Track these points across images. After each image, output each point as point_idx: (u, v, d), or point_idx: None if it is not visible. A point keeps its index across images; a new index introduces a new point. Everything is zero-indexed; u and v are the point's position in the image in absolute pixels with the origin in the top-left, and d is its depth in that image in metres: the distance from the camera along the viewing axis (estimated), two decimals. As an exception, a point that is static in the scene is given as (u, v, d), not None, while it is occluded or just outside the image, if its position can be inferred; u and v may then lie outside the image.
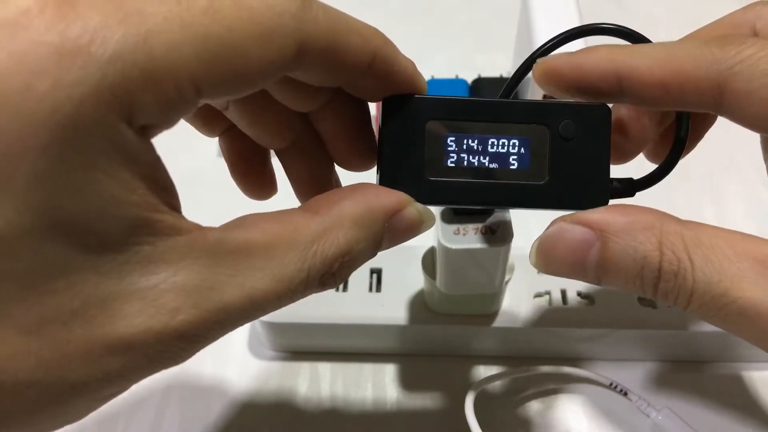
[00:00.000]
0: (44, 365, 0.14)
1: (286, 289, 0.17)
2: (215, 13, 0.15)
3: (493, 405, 0.32)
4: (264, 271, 0.17)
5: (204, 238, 0.16)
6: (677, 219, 0.18)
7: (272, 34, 0.16)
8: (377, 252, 0.20)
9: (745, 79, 0.18)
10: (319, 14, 0.17)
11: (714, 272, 0.17)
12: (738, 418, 0.31)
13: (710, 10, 0.24)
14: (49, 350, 0.14)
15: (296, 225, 0.18)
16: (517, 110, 0.20)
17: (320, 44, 0.18)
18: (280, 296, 0.17)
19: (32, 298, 0.14)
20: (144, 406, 0.32)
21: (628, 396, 0.30)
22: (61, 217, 0.14)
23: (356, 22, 0.19)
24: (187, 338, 0.16)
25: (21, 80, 0.13)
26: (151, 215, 0.15)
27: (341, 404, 0.32)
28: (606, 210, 0.19)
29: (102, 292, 0.14)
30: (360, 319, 0.32)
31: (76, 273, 0.14)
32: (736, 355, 0.33)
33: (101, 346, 0.15)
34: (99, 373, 0.15)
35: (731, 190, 0.41)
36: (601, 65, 0.19)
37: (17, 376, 0.14)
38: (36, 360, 0.14)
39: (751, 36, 0.19)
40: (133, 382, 0.16)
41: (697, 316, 0.18)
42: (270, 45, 0.16)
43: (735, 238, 0.18)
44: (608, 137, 0.20)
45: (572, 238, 0.19)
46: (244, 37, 0.16)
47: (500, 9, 0.54)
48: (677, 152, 0.22)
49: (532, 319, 0.32)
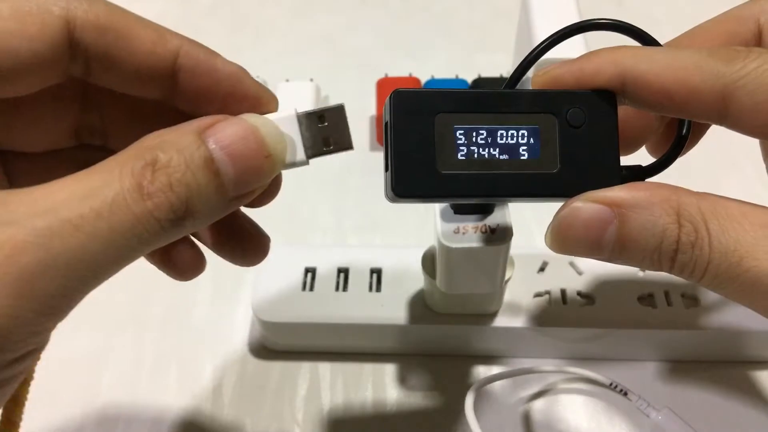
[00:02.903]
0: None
1: (100, 203, 0.16)
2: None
3: (493, 405, 0.32)
4: (65, 194, 0.16)
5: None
6: (691, 191, 0.18)
7: (30, 13, 0.17)
8: (215, 170, 0.18)
9: (749, 92, 0.17)
10: (96, 2, 0.18)
11: (730, 241, 0.17)
12: (738, 418, 0.31)
13: (710, 10, 0.24)
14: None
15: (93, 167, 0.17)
16: (525, 100, 0.20)
17: (93, 25, 0.18)
18: (97, 212, 0.16)
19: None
20: (143, 405, 0.32)
21: (628, 396, 0.30)
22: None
23: (153, 23, 0.19)
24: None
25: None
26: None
27: (341, 404, 0.32)
28: (620, 187, 0.19)
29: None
30: (360, 319, 0.32)
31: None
32: (737, 355, 0.33)
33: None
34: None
35: (731, 189, 0.41)
36: (604, 69, 0.19)
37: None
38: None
39: (756, 46, 0.19)
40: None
41: (710, 288, 0.18)
42: (29, 21, 0.17)
43: (748, 208, 0.18)
44: (616, 123, 0.20)
45: (588, 217, 0.19)
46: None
47: (500, 9, 0.54)
48: (680, 142, 0.22)
49: (532, 318, 0.32)
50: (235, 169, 0.18)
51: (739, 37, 0.22)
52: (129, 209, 0.16)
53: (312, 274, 0.34)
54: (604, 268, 0.33)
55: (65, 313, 0.16)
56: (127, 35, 0.19)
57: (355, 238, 0.40)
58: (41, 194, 0.16)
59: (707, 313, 0.32)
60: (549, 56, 0.22)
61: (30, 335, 0.16)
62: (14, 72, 0.18)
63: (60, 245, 0.15)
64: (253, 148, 0.18)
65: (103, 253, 0.16)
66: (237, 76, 0.21)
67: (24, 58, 0.17)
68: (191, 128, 0.18)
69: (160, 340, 0.35)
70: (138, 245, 0.17)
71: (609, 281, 0.33)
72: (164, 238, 0.17)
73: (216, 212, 0.18)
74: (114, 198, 0.16)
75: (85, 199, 0.16)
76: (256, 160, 0.18)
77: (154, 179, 0.16)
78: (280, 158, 0.19)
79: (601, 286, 0.33)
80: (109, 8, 0.19)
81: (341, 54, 0.51)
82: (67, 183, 0.16)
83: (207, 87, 0.20)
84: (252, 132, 0.18)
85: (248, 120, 0.19)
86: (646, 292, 0.32)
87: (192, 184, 0.17)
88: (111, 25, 0.18)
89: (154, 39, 0.19)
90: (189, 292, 0.37)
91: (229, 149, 0.18)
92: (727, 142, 0.32)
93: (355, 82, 0.48)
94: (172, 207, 0.17)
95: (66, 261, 0.15)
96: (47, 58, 0.18)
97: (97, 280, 0.16)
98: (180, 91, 0.20)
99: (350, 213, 0.41)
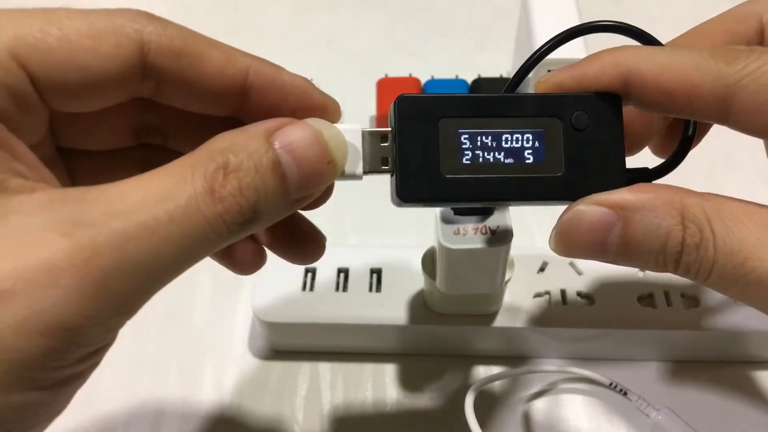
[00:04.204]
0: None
1: (174, 207, 0.16)
2: (48, 13, 0.17)
3: (493, 405, 0.32)
4: (139, 196, 0.16)
5: (64, 191, 0.16)
6: (694, 192, 0.18)
7: (106, 33, 0.17)
8: (282, 174, 0.18)
9: (751, 92, 0.17)
10: (170, 26, 0.18)
11: (734, 241, 0.17)
12: (738, 417, 0.31)
13: (710, 11, 0.24)
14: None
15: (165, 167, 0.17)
16: (529, 104, 0.20)
17: (168, 49, 0.18)
18: (171, 216, 0.16)
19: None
20: (143, 406, 0.32)
21: (628, 396, 0.30)
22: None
23: (222, 44, 0.20)
24: (63, 278, 0.15)
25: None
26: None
27: (341, 404, 0.32)
28: (623, 189, 0.19)
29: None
30: (360, 319, 0.32)
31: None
32: (737, 354, 0.33)
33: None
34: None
35: (731, 190, 0.41)
36: (606, 72, 0.19)
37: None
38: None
39: (758, 45, 0.19)
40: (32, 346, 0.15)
41: (716, 288, 0.18)
42: (104, 40, 0.17)
43: (752, 208, 0.18)
44: (621, 126, 0.20)
45: (592, 220, 0.19)
46: (74, 32, 0.17)
47: (500, 9, 0.54)
48: (687, 144, 0.22)
49: (532, 319, 0.32)
50: (300, 173, 0.18)
51: (740, 35, 0.22)
52: (201, 213, 0.16)
53: (312, 274, 0.34)
54: (604, 268, 0.33)
55: (135, 312, 0.17)
56: (199, 58, 0.19)
57: (355, 239, 0.40)
58: (116, 194, 0.16)
59: (707, 313, 0.32)
60: (550, 56, 0.22)
61: (104, 332, 0.16)
62: (84, 88, 0.18)
63: (135, 248, 0.15)
64: (318, 152, 0.18)
65: (173, 256, 0.16)
66: (304, 88, 0.21)
67: (95, 76, 0.18)
68: (259, 131, 0.18)
69: (160, 340, 0.35)
70: (205, 248, 0.17)
71: (609, 281, 0.33)
72: (229, 240, 0.17)
73: (278, 215, 0.19)
74: (187, 202, 0.16)
75: (160, 203, 0.16)
76: (319, 165, 0.19)
77: (225, 183, 0.17)
78: (340, 165, 0.20)
79: (601, 286, 0.33)
80: (182, 31, 0.19)
81: (341, 54, 0.51)
82: (139, 184, 0.16)
83: (276, 102, 0.20)
84: (317, 137, 0.19)
85: (313, 125, 0.19)
86: (645, 292, 0.32)
87: (260, 188, 0.17)
88: (184, 49, 0.19)
89: (224, 60, 0.19)
90: (189, 293, 0.37)
91: (295, 153, 0.18)
92: (728, 142, 0.32)
93: (355, 82, 0.48)
94: (241, 211, 0.17)
95: (139, 263, 0.16)
96: (118, 78, 0.18)
97: (166, 281, 0.17)
98: (249, 108, 0.21)
99: (350, 213, 0.41)
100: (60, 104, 0.18)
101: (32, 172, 0.17)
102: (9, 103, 0.17)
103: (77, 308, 0.15)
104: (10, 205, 0.15)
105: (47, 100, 0.18)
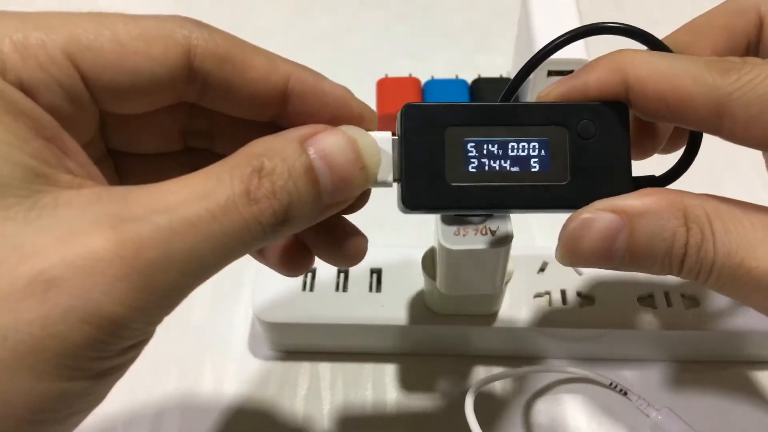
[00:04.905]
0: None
1: (215, 206, 0.16)
2: (101, 16, 0.18)
3: (493, 405, 0.32)
4: (182, 195, 0.16)
5: (110, 189, 0.17)
6: (694, 193, 0.18)
7: (156, 37, 0.18)
8: (314, 178, 0.18)
9: (743, 104, 0.18)
10: (216, 33, 0.19)
11: (732, 242, 0.17)
12: (738, 417, 0.31)
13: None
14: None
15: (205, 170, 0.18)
16: (535, 113, 0.20)
17: (213, 54, 0.19)
18: (212, 214, 0.16)
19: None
20: (143, 406, 0.32)
21: (628, 396, 0.30)
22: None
23: (266, 51, 0.20)
24: (110, 268, 0.15)
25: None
26: (47, 169, 0.16)
27: (341, 404, 0.32)
28: (627, 195, 0.19)
29: (11, 235, 0.15)
30: (360, 319, 0.32)
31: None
32: (736, 355, 0.33)
33: (21, 289, 0.14)
34: (23, 322, 0.14)
35: (731, 190, 0.41)
36: (608, 79, 0.19)
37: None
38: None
39: (751, 58, 0.19)
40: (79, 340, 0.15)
41: (715, 289, 0.18)
42: (154, 43, 0.18)
43: (750, 208, 0.18)
44: (627, 135, 0.20)
45: (599, 227, 0.19)
46: (126, 35, 0.18)
47: (500, 9, 0.54)
48: (693, 150, 0.22)
49: (532, 319, 0.32)
50: (332, 178, 0.18)
51: (739, 29, 0.22)
52: (239, 212, 0.17)
53: (312, 274, 0.34)
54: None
55: (174, 307, 0.17)
56: (243, 64, 0.19)
57: (355, 238, 0.40)
58: (159, 193, 0.16)
59: (707, 313, 0.32)
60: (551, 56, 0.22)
61: (145, 325, 0.16)
62: (133, 89, 0.18)
63: (179, 242, 0.16)
64: (351, 158, 0.19)
65: (214, 253, 0.16)
66: (343, 98, 0.21)
67: (144, 78, 0.18)
68: (294, 137, 0.19)
69: (160, 340, 0.35)
70: (242, 247, 0.17)
71: (609, 282, 0.33)
72: (264, 241, 0.18)
73: (311, 219, 0.19)
74: (226, 201, 0.17)
75: (201, 200, 0.16)
76: (352, 171, 0.19)
77: (260, 185, 0.17)
78: (373, 172, 0.20)
79: (601, 286, 0.33)
80: (227, 38, 0.19)
81: (341, 54, 0.51)
82: (181, 183, 0.17)
83: (315, 109, 0.21)
84: (350, 144, 0.19)
85: (347, 132, 0.19)
86: (645, 292, 0.32)
87: (293, 192, 0.18)
88: (229, 55, 0.19)
89: (267, 67, 0.20)
90: (189, 293, 0.37)
91: (328, 159, 0.18)
92: (728, 143, 0.32)
93: (355, 82, 0.48)
94: (274, 213, 0.17)
95: (183, 258, 0.16)
96: (165, 81, 0.19)
97: (205, 277, 0.17)
98: (288, 114, 0.21)
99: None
100: (110, 105, 0.19)
101: (82, 169, 0.17)
102: (63, 101, 0.18)
103: (123, 299, 0.15)
104: (60, 199, 0.16)
105: (98, 100, 0.18)
